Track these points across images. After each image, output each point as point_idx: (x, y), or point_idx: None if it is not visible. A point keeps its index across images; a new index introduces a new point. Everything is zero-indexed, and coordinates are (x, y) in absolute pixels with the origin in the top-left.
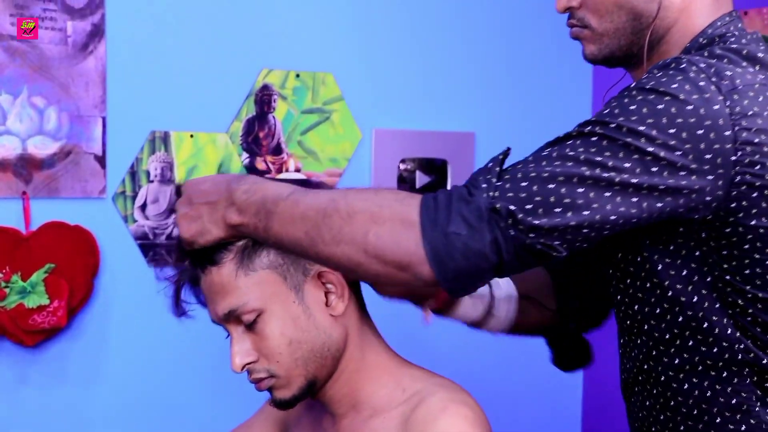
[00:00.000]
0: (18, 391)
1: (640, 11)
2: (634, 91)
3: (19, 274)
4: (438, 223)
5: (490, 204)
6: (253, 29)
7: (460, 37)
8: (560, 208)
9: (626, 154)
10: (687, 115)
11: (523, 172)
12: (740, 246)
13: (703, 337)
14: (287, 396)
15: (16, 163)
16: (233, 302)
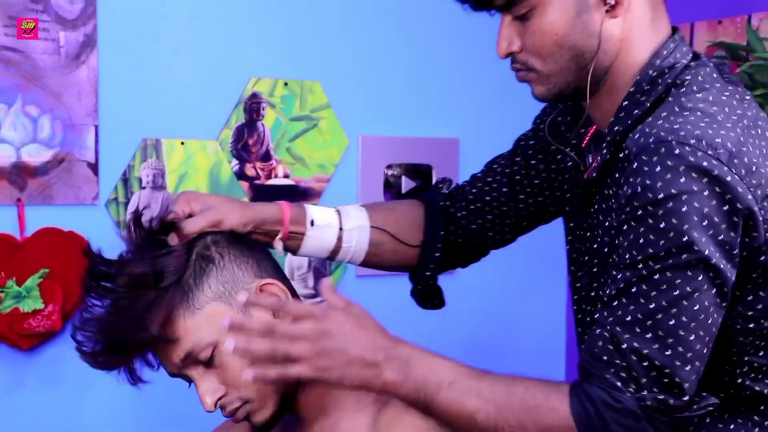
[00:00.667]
0: (14, 394)
1: (581, 48)
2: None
3: (14, 279)
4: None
5: (640, 404)
6: (242, 39)
7: (444, 46)
8: (689, 365)
9: (703, 274)
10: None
11: (635, 351)
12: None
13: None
14: (267, 416)
15: (11, 170)
16: (187, 346)
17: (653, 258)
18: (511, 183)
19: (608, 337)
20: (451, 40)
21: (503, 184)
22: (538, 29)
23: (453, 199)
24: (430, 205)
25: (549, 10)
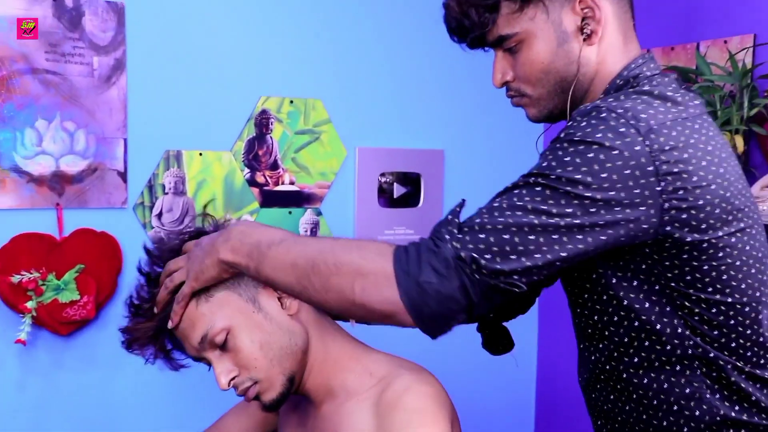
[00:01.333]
0: (54, 373)
1: (564, 74)
2: (566, 143)
3: (54, 273)
4: (410, 274)
5: (455, 253)
6: (253, 62)
7: (431, 69)
8: (515, 254)
9: (567, 200)
10: (614, 159)
11: (479, 224)
12: (680, 257)
13: (657, 337)
14: (274, 396)
15: (51, 178)
16: (203, 329)
17: (543, 176)
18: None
19: (470, 216)
20: (438, 64)
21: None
22: (527, 60)
23: None
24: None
25: (534, 42)
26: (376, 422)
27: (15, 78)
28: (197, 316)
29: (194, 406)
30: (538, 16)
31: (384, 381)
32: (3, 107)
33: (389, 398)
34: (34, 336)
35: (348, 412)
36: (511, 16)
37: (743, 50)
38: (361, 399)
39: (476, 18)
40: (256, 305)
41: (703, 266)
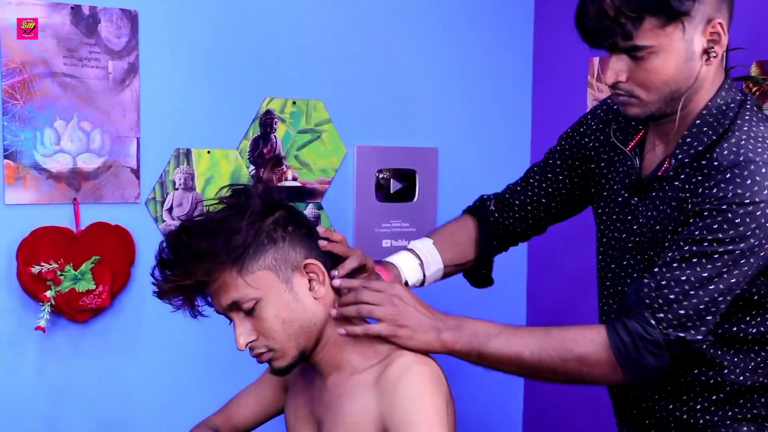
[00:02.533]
0: (72, 358)
1: (680, 87)
2: (734, 206)
3: (71, 264)
4: (632, 359)
5: (664, 338)
6: (258, 65)
7: (425, 71)
8: (710, 315)
9: (735, 256)
10: None
11: (675, 300)
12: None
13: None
14: (284, 365)
15: (68, 175)
16: (235, 296)
17: (720, 242)
18: (547, 195)
19: (655, 287)
20: (432, 67)
21: (541, 197)
22: (652, 68)
23: (500, 212)
24: (483, 221)
25: (664, 56)
26: (378, 397)
27: (35, 81)
28: (234, 284)
29: (203, 390)
30: (675, 34)
31: (387, 359)
32: (24, 108)
33: (391, 376)
34: (52, 323)
35: (352, 386)
36: (651, 30)
37: None
38: (365, 375)
39: (620, 28)
40: (288, 286)
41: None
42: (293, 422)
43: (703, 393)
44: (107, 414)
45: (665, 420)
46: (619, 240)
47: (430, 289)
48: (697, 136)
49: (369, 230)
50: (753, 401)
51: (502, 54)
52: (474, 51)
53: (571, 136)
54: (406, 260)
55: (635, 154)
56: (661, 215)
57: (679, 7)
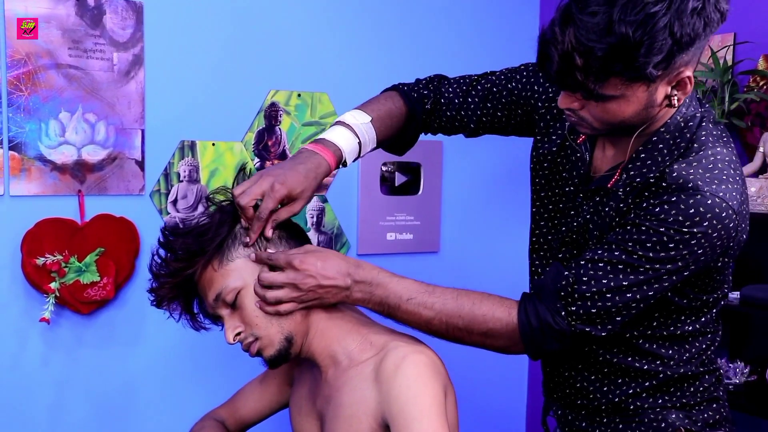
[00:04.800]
0: (76, 349)
1: (635, 124)
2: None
3: (75, 256)
4: (535, 342)
5: (570, 331)
6: (263, 58)
7: (430, 64)
8: (619, 317)
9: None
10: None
11: (586, 296)
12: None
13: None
14: (273, 353)
15: (73, 167)
16: (218, 288)
17: (648, 259)
18: (478, 121)
19: (573, 281)
20: (436, 60)
21: (471, 120)
22: (609, 110)
23: (432, 114)
24: (413, 115)
25: (624, 103)
26: (376, 388)
27: (40, 73)
28: (215, 277)
29: (206, 381)
30: (640, 88)
31: (383, 350)
32: (29, 100)
33: (388, 366)
34: (57, 315)
35: (350, 378)
36: (615, 85)
37: (724, 48)
38: (362, 367)
39: (585, 84)
40: (264, 269)
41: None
42: (296, 416)
43: (637, 379)
44: (111, 405)
45: (598, 401)
46: (558, 231)
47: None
48: (652, 156)
49: (373, 223)
50: (682, 390)
51: (508, 48)
52: (479, 44)
53: (524, 86)
54: (348, 140)
55: (586, 149)
56: (600, 221)
57: (649, 76)
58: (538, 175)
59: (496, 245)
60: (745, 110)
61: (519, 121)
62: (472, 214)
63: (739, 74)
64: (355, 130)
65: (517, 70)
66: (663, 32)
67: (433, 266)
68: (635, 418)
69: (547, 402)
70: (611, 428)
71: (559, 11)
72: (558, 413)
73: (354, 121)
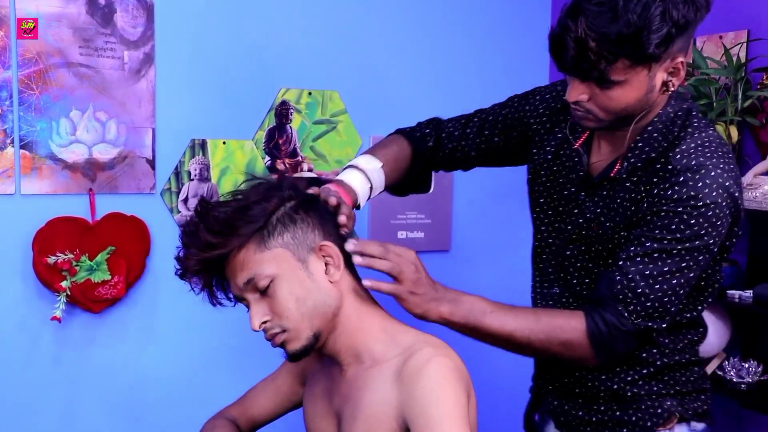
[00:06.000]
0: (88, 348)
1: (636, 111)
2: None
3: (87, 255)
4: (606, 347)
5: (635, 329)
6: (273, 56)
7: (441, 61)
8: (674, 307)
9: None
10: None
11: (644, 294)
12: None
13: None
14: (298, 347)
15: (84, 165)
16: (251, 273)
17: (678, 240)
18: (478, 150)
19: (626, 282)
20: (448, 57)
21: (472, 149)
22: (614, 96)
23: (434, 150)
24: (418, 156)
25: (628, 88)
26: (398, 388)
27: (51, 71)
28: (251, 260)
29: (218, 379)
30: (642, 72)
31: (408, 351)
32: (40, 99)
33: (412, 368)
34: (68, 313)
35: (372, 377)
36: (621, 69)
37: (738, 45)
38: (386, 366)
39: (597, 66)
40: (304, 265)
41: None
42: (312, 416)
43: (635, 366)
44: (123, 403)
45: (596, 389)
46: (563, 231)
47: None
48: (649, 143)
49: (385, 221)
50: (676, 378)
51: (518, 47)
52: (490, 43)
53: (517, 109)
54: (362, 184)
55: (584, 151)
56: (611, 213)
57: (652, 56)
58: (536, 183)
59: (507, 244)
60: (759, 108)
61: (514, 143)
62: (483, 212)
63: (753, 71)
64: (368, 175)
65: (507, 100)
66: (663, 16)
67: (444, 265)
68: (632, 404)
69: (538, 395)
70: (608, 415)
71: (567, 6)
72: (554, 404)
73: (367, 166)
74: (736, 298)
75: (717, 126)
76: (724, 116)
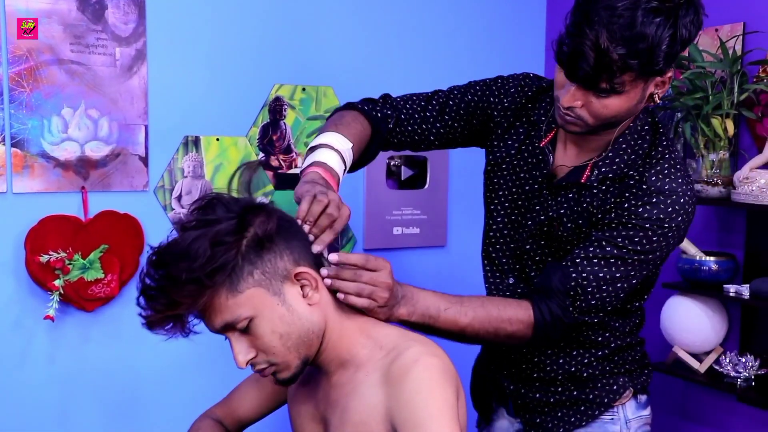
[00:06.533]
0: (81, 347)
1: (622, 119)
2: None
3: (80, 253)
4: (549, 337)
5: (574, 321)
6: (267, 52)
7: (436, 57)
8: (610, 306)
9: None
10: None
11: (593, 292)
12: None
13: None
14: (288, 375)
15: (76, 163)
16: (227, 318)
17: (636, 252)
18: (437, 134)
19: (580, 280)
20: (443, 53)
21: (431, 133)
22: (608, 105)
23: (393, 132)
24: (376, 134)
25: (624, 98)
26: (386, 391)
27: (42, 69)
28: (225, 306)
29: (211, 377)
30: (640, 84)
31: (393, 352)
32: (31, 96)
33: (398, 369)
34: (61, 312)
35: (359, 382)
36: (627, 81)
37: (733, 38)
38: (371, 370)
39: (610, 76)
40: (281, 298)
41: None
42: (298, 420)
43: (591, 349)
44: (117, 402)
45: (554, 372)
46: (522, 225)
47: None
48: (619, 154)
49: (380, 217)
50: (625, 358)
51: (514, 40)
52: (485, 38)
53: (480, 98)
54: (339, 166)
55: (549, 151)
56: (574, 215)
57: (659, 71)
58: (495, 176)
59: None
60: (755, 101)
61: (474, 131)
62: (479, 208)
63: (749, 64)
64: (344, 156)
65: (468, 85)
66: (673, 35)
67: (440, 261)
68: (589, 384)
69: (492, 380)
70: (566, 396)
71: (581, 14)
72: (510, 388)
73: (341, 147)
74: (732, 292)
75: (713, 120)
76: (720, 109)
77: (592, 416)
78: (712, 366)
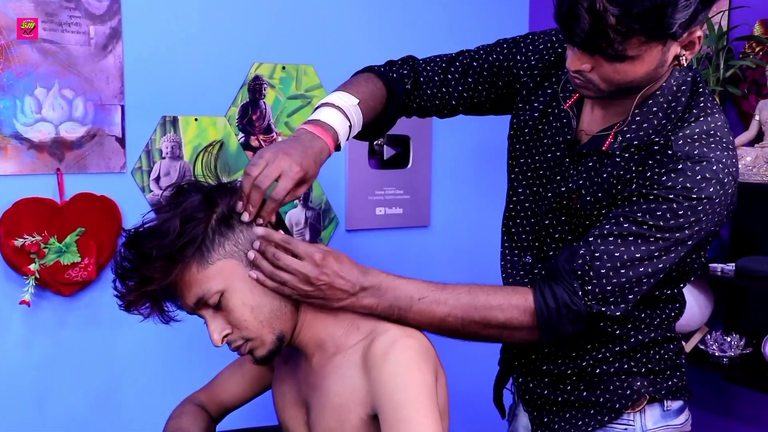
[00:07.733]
0: (58, 332)
1: (642, 84)
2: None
3: (55, 236)
4: (552, 326)
5: (587, 311)
6: (245, 29)
7: (419, 36)
8: (632, 295)
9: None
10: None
11: (603, 274)
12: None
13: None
14: (264, 353)
15: (51, 144)
16: (198, 291)
17: (659, 228)
18: (460, 98)
19: (589, 258)
20: (426, 31)
21: (453, 97)
22: (621, 70)
23: (411, 94)
24: (393, 97)
25: (638, 63)
26: (364, 374)
27: (13, 47)
28: (195, 280)
29: (191, 362)
30: (656, 47)
31: (371, 335)
32: (2, 76)
33: (376, 351)
34: (38, 297)
35: (337, 364)
36: (636, 45)
37: (719, 13)
38: (350, 352)
39: (610, 40)
40: (253, 270)
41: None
42: (281, 406)
43: (607, 344)
44: (95, 387)
45: (564, 366)
46: (543, 198)
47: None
48: (648, 119)
49: (362, 198)
50: (648, 356)
51: (499, 24)
52: (470, 17)
53: (506, 57)
54: (341, 123)
55: (573, 114)
56: (594, 186)
57: (673, 35)
58: (518, 141)
59: (487, 218)
60: (741, 77)
61: (499, 93)
62: (462, 187)
63: (735, 40)
64: (346, 112)
65: (495, 44)
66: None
67: (423, 241)
68: (600, 385)
69: (504, 373)
70: (575, 395)
71: None
72: (518, 381)
73: (343, 103)
74: (718, 271)
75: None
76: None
77: (601, 422)
78: (698, 345)
